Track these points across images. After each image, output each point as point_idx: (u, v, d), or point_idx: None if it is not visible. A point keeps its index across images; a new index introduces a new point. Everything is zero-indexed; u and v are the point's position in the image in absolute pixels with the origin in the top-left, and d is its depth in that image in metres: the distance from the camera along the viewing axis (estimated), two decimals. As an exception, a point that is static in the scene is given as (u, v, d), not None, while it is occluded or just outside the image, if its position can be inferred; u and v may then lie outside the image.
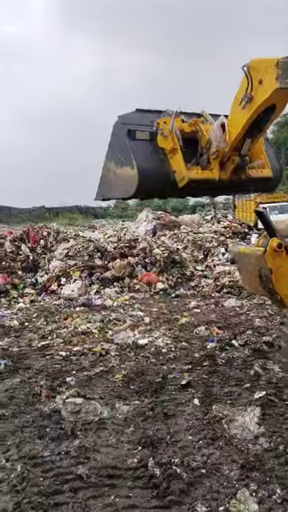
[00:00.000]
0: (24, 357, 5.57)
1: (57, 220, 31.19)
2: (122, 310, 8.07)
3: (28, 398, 4.19)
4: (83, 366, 5.13)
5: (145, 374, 4.68)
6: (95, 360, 5.35)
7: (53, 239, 12.22)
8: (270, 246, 4.01)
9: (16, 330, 6.93)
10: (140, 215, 24.35)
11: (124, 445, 3.16)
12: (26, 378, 4.82)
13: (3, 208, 36.02)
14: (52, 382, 4.60)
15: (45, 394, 4.20)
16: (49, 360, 5.48)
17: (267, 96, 3.96)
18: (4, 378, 4.83)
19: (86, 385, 4.51)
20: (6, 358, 5.42)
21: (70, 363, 5.31)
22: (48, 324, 7.25)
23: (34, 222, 24.12)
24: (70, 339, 6.28)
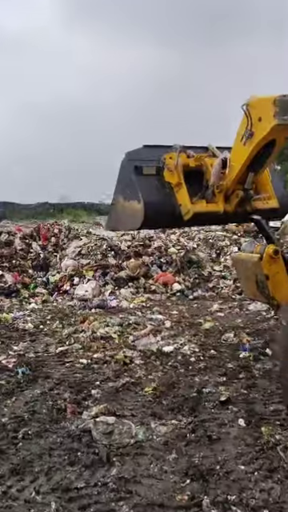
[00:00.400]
0: (42, 364, 5.21)
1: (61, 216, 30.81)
2: (140, 312, 7.69)
3: (52, 414, 3.82)
4: (107, 377, 4.75)
5: (176, 388, 4.30)
6: (119, 369, 4.98)
7: (64, 237, 11.86)
8: (266, 252, 4.21)
9: (31, 334, 6.57)
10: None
11: (169, 476, 2.77)
12: (46, 389, 4.45)
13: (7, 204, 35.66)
14: (76, 394, 4.24)
15: (70, 409, 3.83)
16: (69, 368, 5.11)
17: (267, 132, 4.22)
18: (23, 389, 4.46)
19: (113, 399, 4.14)
20: (24, 366, 5.05)
21: (92, 372, 4.94)
22: (64, 327, 6.88)
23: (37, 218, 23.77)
24: (90, 345, 5.91)
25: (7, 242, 11.59)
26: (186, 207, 4.93)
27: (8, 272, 10.23)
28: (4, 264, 10.43)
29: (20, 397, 4.26)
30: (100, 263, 10.13)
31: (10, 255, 10.78)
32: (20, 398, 4.22)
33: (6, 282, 9.88)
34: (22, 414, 3.86)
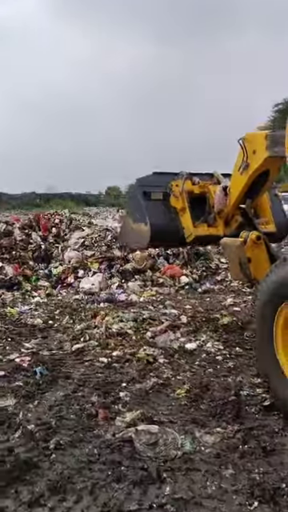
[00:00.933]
0: (59, 363, 4.88)
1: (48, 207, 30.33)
2: (152, 306, 7.37)
3: (82, 420, 3.51)
4: (132, 377, 4.44)
5: (210, 390, 4.00)
6: (143, 369, 4.67)
7: (65, 227, 11.47)
8: (249, 238, 4.75)
9: (41, 330, 6.22)
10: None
11: (231, 496, 2.48)
12: (69, 390, 4.13)
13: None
14: (104, 397, 3.92)
15: (102, 415, 3.52)
16: (89, 368, 4.80)
17: (260, 163, 4.71)
18: (43, 391, 4.13)
19: (144, 402, 3.84)
20: (40, 365, 4.72)
21: (114, 372, 4.63)
22: (75, 323, 6.55)
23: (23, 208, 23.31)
24: (106, 342, 5.59)
25: (6, 232, 11.15)
26: (189, 230, 5.46)
27: (8, 264, 9.82)
28: (4, 255, 10.01)
29: (42, 400, 3.94)
30: (105, 255, 9.79)
31: (9, 246, 10.36)
32: (43, 402, 3.90)
33: (7, 275, 9.48)
34: (48, 420, 3.53)
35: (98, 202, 40.36)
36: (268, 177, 4.92)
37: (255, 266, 4.75)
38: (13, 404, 3.84)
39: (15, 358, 5.02)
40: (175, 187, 5.59)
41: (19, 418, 3.55)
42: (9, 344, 5.55)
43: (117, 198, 42.50)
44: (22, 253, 10.44)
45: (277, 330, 3.44)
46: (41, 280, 9.71)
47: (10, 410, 3.69)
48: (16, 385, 4.27)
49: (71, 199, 39.18)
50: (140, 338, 5.75)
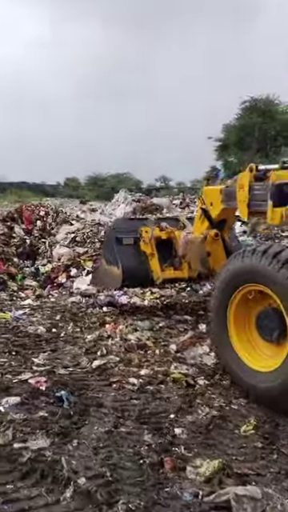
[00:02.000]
0: (83, 385, 4.14)
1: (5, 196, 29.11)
2: (162, 312, 6.71)
3: (144, 471, 2.81)
4: (178, 406, 3.77)
5: (281, 425, 3.40)
6: (185, 394, 4.02)
7: (52, 220, 10.59)
8: (209, 234, 5.49)
9: (47, 341, 5.42)
10: (117, 196, 22.78)
11: None
12: (109, 425, 3.41)
13: None
14: (157, 435, 3.23)
15: (169, 464, 2.83)
16: (119, 391, 4.09)
17: (217, 213, 5.39)
18: (78, 426, 3.39)
19: (208, 443, 3.19)
20: (62, 389, 3.96)
21: (152, 398, 3.95)
22: (83, 332, 5.80)
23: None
24: (128, 357, 4.90)
25: (-14, 225, 10.16)
26: (157, 274, 6.05)
27: (-10, 261, 8.87)
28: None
29: (81, 439, 3.20)
30: (100, 252, 9.00)
31: (-8, 240, 9.39)
32: (83, 442, 3.17)
33: (-11, 273, 8.53)
34: (100, 470, 2.81)
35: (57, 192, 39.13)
36: (225, 223, 5.66)
37: (214, 258, 5.53)
38: (47, 445, 3.09)
39: (28, 378, 4.23)
40: (145, 233, 6.10)
41: (63, 467, 2.80)
42: (14, 359, 4.74)
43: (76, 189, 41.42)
44: (4, 248, 9.49)
45: (229, 312, 4.08)
46: (27, 279, 8.85)
47: (47, 456, 2.94)
48: (40, 416, 3.52)
49: (28, 189, 37.82)
50: (164, 351, 5.10)
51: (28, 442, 3.11)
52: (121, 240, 6.20)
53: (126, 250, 6.17)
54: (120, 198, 22.09)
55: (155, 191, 37.03)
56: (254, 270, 3.79)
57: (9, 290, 8.16)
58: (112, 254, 6.29)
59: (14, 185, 37.41)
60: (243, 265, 3.90)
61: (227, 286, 4.05)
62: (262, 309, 3.92)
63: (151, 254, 6.06)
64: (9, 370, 4.42)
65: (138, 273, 6.08)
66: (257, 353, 3.96)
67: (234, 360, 4.01)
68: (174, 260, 6.11)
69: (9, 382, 4.13)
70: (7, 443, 3.09)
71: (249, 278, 3.87)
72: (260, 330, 3.95)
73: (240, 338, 4.04)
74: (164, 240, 6.14)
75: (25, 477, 2.73)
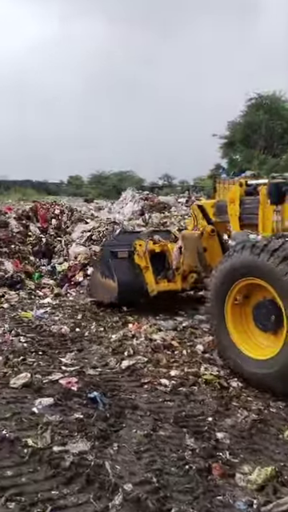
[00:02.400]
0: (115, 387, 4.07)
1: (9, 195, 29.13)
2: (183, 311, 6.61)
3: (192, 477, 2.73)
4: (214, 408, 3.69)
5: None
6: (220, 396, 3.94)
7: (67, 219, 10.51)
8: (205, 230, 5.66)
9: (72, 340, 5.35)
10: (124, 194, 22.72)
11: None
12: (147, 427, 3.34)
13: None
14: (201, 440, 3.15)
15: (218, 471, 2.75)
16: (152, 392, 4.01)
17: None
18: (116, 428, 3.32)
19: (252, 448, 3.10)
20: (94, 390, 3.89)
21: (186, 400, 3.87)
22: (106, 331, 5.73)
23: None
24: (156, 357, 4.81)
25: (1, 223, 10.07)
26: (152, 286, 6.11)
27: (7, 259, 8.79)
28: (2, 249, 8.96)
29: (122, 443, 3.13)
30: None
31: (7, 239, 9.31)
32: (123, 446, 3.09)
33: (7, 271, 8.45)
34: (146, 476, 2.74)
35: (60, 190, 39.04)
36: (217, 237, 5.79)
37: (210, 254, 5.64)
38: (88, 449, 3.01)
39: (59, 378, 4.16)
40: (139, 247, 6.23)
41: (108, 472, 2.72)
42: (42, 359, 4.67)
43: (79, 187, 41.29)
44: (20, 247, 9.41)
45: (227, 305, 4.29)
46: (44, 277, 8.77)
47: (90, 460, 2.86)
48: (76, 418, 3.44)
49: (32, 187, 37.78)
50: (191, 352, 5.01)
51: (68, 445, 3.04)
52: (116, 254, 6.38)
53: (121, 263, 6.32)
54: (128, 196, 22.01)
55: (158, 189, 36.82)
56: (252, 264, 3.96)
57: (26, 288, 8.09)
58: (107, 268, 6.43)
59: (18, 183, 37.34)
60: (242, 259, 4.06)
61: (225, 280, 4.26)
62: (259, 301, 4.13)
63: (145, 267, 6.17)
64: (38, 370, 4.35)
65: (134, 285, 6.17)
66: (253, 342, 4.23)
67: (234, 351, 4.26)
68: (168, 272, 6.25)
69: (39, 382, 4.06)
70: (46, 446, 3.02)
71: (247, 272, 4.05)
72: (256, 320, 4.19)
73: (237, 328, 4.30)
74: (157, 253, 6.28)
75: (70, 482, 2.65)
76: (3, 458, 2.88)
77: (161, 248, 6.32)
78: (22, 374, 4.10)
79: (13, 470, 2.75)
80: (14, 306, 6.95)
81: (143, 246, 6.19)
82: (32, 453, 2.91)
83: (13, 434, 3.11)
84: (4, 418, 3.36)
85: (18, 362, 4.47)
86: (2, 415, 3.41)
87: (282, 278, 3.67)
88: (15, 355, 4.64)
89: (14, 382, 3.98)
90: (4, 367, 4.33)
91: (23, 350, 4.85)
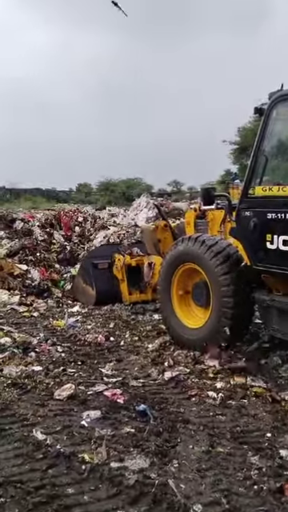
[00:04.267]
0: (162, 399, 3.93)
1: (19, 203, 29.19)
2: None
3: (265, 498, 2.57)
4: (271, 423, 3.53)
5: None
6: (273, 410, 3.77)
7: (90, 226, 10.44)
8: (160, 225, 6.70)
9: (109, 350, 5.23)
10: (138, 200, 22.63)
11: None
12: (205, 444, 3.19)
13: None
14: (266, 458, 2.99)
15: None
16: (201, 406, 3.86)
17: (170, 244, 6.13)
18: (172, 444, 3.17)
19: None
20: (142, 402, 3.75)
21: (239, 414, 3.71)
22: (141, 340, 5.60)
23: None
24: (198, 368, 4.67)
25: (25, 231, 10.05)
26: (126, 297, 7.10)
27: (33, 267, 8.73)
28: (28, 257, 8.90)
29: (181, 459, 2.98)
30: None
31: (32, 247, 9.26)
32: (183, 463, 2.94)
33: (33, 279, 8.39)
34: (213, 495, 2.59)
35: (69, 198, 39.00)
36: None
37: (164, 244, 6.43)
38: (148, 466, 2.87)
39: (103, 390, 4.03)
40: (117, 261, 7.08)
41: (174, 491, 2.57)
42: (82, 369, 4.56)
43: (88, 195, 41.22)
44: (45, 254, 9.36)
45: (173, 283, 5.26)
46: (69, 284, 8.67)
47: (153, 478, 2.71)
48: (128, 432, 3.31)
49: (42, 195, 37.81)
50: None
51: (125, 462, 2.91)
52: (96, 265, 7.22)
53: (101, 273, 7.17)
54: (142, 202, 21.92)
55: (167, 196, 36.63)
56: (189, 252, 4.95)
57: (54, 296, 8.01)
58: (88, 276, 7.31)
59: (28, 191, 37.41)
60: (183, 248, 5.06)
61: (171, 264, 5.24)
62: (196, 282, 5.09)
63: (121, 280, 7.04)
64: (80, 381, 4.23)
65: (110, 294, 7.13)
66: (191, 314, 5.21)
67: (175, 321, 5.22)
68: (141, 284, 7.10)
69: (84, 394, 3.94)
70: (104, 462, 2.89)
71: (187, 258, 5.03)
72: (194, 297, 5.18)
73: (179, 303, 5.26)
74: (134, 266, 7.11)
75: (135, 501, 2.52)
76: (61, 474, 2.75)
77: (136, 262, 7.13)
78: (66, 386, 3.98)
79: (74, 488, 2.62)
80: (43, 314, 6.85)
81: (121, 261, 7.04)
82: (91, 469, 2.78)
83: (67, 449, 2.98)
84: (55, 432, 3.25)
85: (59, 373, 4.36)
86: (52, 428, 3.29)
87: (208, 262, 4.69)
88: (55, 365, 4.52)
89: (59, 394, 3.86)
90: (46, 378, 4.22)
91: (62, 360, 4.74)
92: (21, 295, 7.55)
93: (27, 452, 2.95)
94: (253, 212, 4.39)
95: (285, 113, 4.35)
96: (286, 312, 4.27)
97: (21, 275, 8.21)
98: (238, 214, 4.62)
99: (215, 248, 4.69)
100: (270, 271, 4.35)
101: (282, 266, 4.17)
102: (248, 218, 4.42)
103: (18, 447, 3.02)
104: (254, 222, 4.35)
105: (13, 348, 4.92)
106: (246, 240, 4.57)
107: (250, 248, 4.50)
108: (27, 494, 2.52)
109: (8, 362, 4.54)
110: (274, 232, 4.19)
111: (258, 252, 4.40)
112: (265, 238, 4.25)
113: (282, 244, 4.14)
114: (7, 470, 2.75)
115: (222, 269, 4.59)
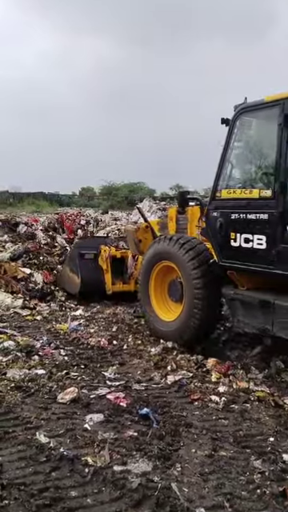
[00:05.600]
0: (163, 402, 3.94)
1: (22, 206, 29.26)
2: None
3: (268, 502, 2.58)
4: (274, 428, 3.54)
5: None
6: (275, 414, 3.80)
7: (93, 229, 10.47)
8: (141, 226, 6.84)
9: (112, 354, 5.25)
10: (141, 205, 22.71)
11: None
12: (207, 448, 3.20)
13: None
14: (269, 462, 3.00)
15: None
16: (204, 410, 3.87)
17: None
18: (175, 447, 3.19)
19: None
20: (145, 406, 3.76)
21: (242, 418, 3.72)
22: (145, 344, 5.61)
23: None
24: (201, 372, 4.68)
25: (29, 234, 10.08)
26: (109, 287, 7.51)
27: (37, 270, 8.74)
28: (32, 261, 8.91)
29: (184, 463, 2.99)
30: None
31: (36, 251, 9.27)
32: (186, 467, 2.95)
33: (37, 283, 8.40)
34: (215, 499, 2.61)
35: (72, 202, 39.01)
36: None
37: (144, 244, 6.55)
38: (151, 469, 2.88)
39: (106, 393, 4.04)
40: (103, 252, 7.52)
41: (177, 495, 2.58)
42: (85, 373, 4.57)
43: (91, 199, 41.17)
44: (48, 258, 9.37)
45: (151, 280, 5.72)
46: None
47: (156, 481, 2.72)
48: (131, 436, 3.32)
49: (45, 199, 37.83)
50: (234, 366, 4.85)
51: (128, 465, 2.92)
52: (83, 255, 7.55)
53: (87, 263, 7.51)
54: (145, 207, 21.98)
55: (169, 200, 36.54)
56: (165, 250, 5.39)
57: (57, 300, 8.01)
58: (75, 266, 7.57)
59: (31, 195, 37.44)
60: (159, 247, 5.51)
61: (150, 262, 5.69)
62: (172, 279, 5.52)
63: (106, 270, 7.45)
64: (83, 384, 4.24)
65: (94, 284, 7.47)
66: (167, 309, 5.65)
67: (152, 315, 5.69)
68: (125, 276, 7.54)
69: (87, 397, 3.95)
70: (107, 465, 2.90)
71: (163, 256, 5.46)
72: (170, 293, 5.63)
73: (157, 298, 5.71)
74: (119, 258, 7.57)
75: (138, 504, 2.53)
76: (65, 476, 2.77)
77: (121, 254, 7.63)
78: (69, 389, 3.99)
79: (77, 491, 2.63)
80: (46, 317, 6.87)
81: (107, 252, 7.46)
82: (94, 472, 2.79)
83: (71, 452, 3.00)
84: (58, 435, 3.26)
85: (62, 376, 4.37)
86: (55, 432, 3.30)
87: (181, 259, 5.10)
88: (58, 369, 4.54)
89: (62, 397, 3.87)
90: (49, 381, 4.23)
91: (65, 363, 4.75)
92: (24, 299, 7.56)
93: (31, 455, 2.96)
94: (219, 213, 4.77)
95: (247, 123, 4.76)
96: (248, 305, 4.58)
97: (24, 279, 8.23)
98: (206, 214, 4.99)
99: (187, 245, 5.12)
100: (234, 267, 4.71)
101: (244, 262, 4.53)
102: (215, 218, 4.81)
103: (22, 450, 3.03)
104: (220, 222, 4.73)
105: (16, 351, 4.94)
106: (213, 238, 4.90)
107: (217, 246, 4.86)
108: (31, 497, 2.53)
109: (11, 366, 4.55)
110: (237, 231, 4.56)
111: (223, 249, 4.77)
112: (229, 236, 4.64)
113: (243, 242, 4.50)
114: (11, 473, 2.76)
115: (193, 264, 4.99)
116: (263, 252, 4.30)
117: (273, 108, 4.24)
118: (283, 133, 4.11)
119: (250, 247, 4.43)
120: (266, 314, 4.35)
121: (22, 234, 9.97)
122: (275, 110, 4.20)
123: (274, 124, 4.19)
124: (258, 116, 4.66)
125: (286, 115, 4.06)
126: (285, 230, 4.10)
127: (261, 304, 4.41)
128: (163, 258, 5.47)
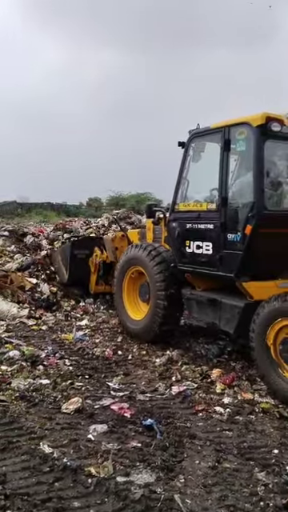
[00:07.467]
0: (168, 414, 3.93)
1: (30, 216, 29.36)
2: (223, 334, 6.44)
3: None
4: (278, 440, 3.52)
5: None
6: (280, 426, 3.76)
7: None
8: (117, 235, 7.90)
9: (117, 364, 5.25)
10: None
11: None
12: (211, 459, 3.19)
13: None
14: (273, 474, 2.98)
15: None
16: (208, 421, 3.86)
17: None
18: (178, 459, 3.18)
19: None
20: (149, 417, 3.76)
21: (246, 430, 3.71)
22: (150, 355, 5.61)
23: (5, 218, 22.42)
24: (205, 383, 4.67)
25: (35, 245, 10.11)
26: (92, 287, 8.15)
27: (44, 282, 8.76)
28: (40, 273, 8.94)
29: (187, 475, 2.99)
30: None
31: (43, 262, 9.29)
32: (190, 479, 2.95)
33: (43, 293, 8.42)
34: (217, 511, 2.58)
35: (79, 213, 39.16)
36: None
37: (120, 251, 7.29)
38: (153, 481, 2.87)
39: (110, 404, 4.04)
40: (95, 256, 7.98)
41: (180, 506, 2.58)
42: (89, 383, 4.57)
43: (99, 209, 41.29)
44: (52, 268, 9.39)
45: (124, 283, 6.42)
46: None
47: (159, 493, 2.72)
48: (134, 447, 3.32)
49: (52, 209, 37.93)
50: (239, 377, 4.83)
51: (131, 476, 2.92)
52: (76, 254, 8.12)
53: (78, 261, 8.08)
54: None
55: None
56: (135, 257, 6.12)
57: (62, 310, 8.03)
58: (67, 260, 8.23)
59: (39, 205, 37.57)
60: (131, 254, 6.24)
61: (123, 267, 6.40)
62: (142, 282, 6.17)
63: (94, 271, 8.01)
64: (87, 394, 4.25)
65: (80, 280, 8.13)
66: (137, 309, 6.31)
67: (125, 314, 6.39)
68: (109, 278, 7.77)
69: (91, 407, 3.96)
70: (110, 476, 2.90)
71: (134, 262, 6.16)
72: (140, 294, 6.31)
73: (129, 300, 6.40)
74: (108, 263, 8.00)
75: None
76: (68, 487, 2.77)
77: (110, 259, 7.99)
78: (74, 399, 3.99)
79: (80, 501, 2.63)
80: (52, 327, 6.88)
81: (98, 256, 7.92)
82: (97, 483, 2.79)
83: (74, 463, 3.00)
84: (62, 445, 3.26)
85: (66, 386, 4.38)
86: (59, 442, 3.31)
87: (148, 264, 5.81)
88: (63, 379, 4.54)
89: (66, 408, 3.88)
90: (53, 391, 4.24)
91: (70, 373, 4.76)
92: (30, 308, 7.58)
93: (34, 465, 2.97)
94: (177, 223, 5.47)
95: (199, 146, 5.37)
96: (200, 303, 5.28)
97: (30, 289, 8.27)
98: (167, 224, 5.74)
99: (153, 252, 5.84)
100: (189, 270, 5.40)
101: (196, 266, 5.21)
102: (174, 228, 5.52)
103: (25, 460, 3.04)
104: (178, 231, 5.43)
105: (21, 361, 4.95)
106: (173, 245, 5.66)
107: (176, 252, 5.56)
108: (34, 507, 2.54)
109: (16, 375, 4.56)
110: (190, 238, 5.24)
111: (180, 255, 5.45)
112: (185, 243, 5.32)
113: (195, 248, 5.19)
114: (14, 483, 2.77)
115: (157, 268, 5.70)
116: (210, 257, 4.99)
117: (217, 134, 4.95)
118: (224, 155, 4.82)
119: (200, 253, 5.13)
120: (215, 311, 5.05)
121: (30, 245, 10.01)
122: (218, 135, 4.91)
123: (218, 147, 4.90)
124: (207, 140, 5.30)
125: (226, 140, 4.77)
126: (226, 238, 4.75)
127: (210, 302, 5.10)
128: (134, 263, 6.17)
